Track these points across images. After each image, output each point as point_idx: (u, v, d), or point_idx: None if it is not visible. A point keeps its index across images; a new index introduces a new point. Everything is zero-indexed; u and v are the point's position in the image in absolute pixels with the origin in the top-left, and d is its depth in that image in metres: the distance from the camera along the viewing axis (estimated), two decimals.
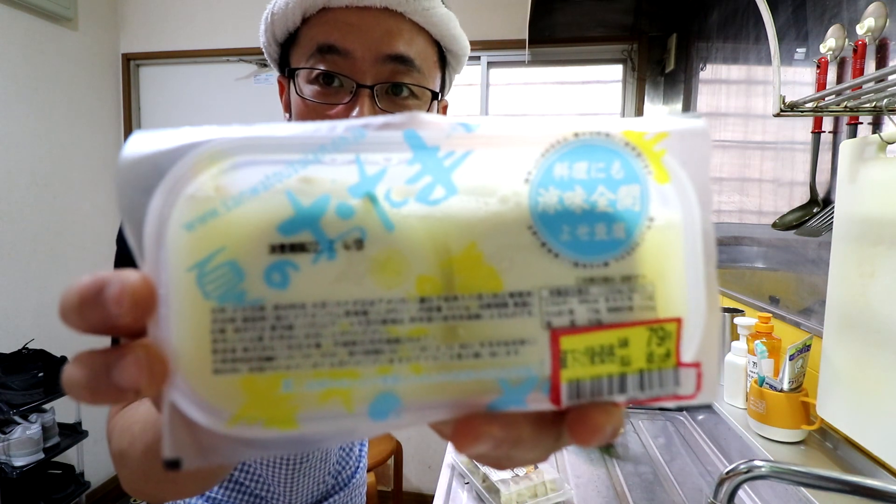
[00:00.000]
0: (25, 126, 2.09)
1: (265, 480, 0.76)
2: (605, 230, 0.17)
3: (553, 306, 0.17)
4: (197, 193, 0.16)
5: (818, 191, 0.95)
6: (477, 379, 0.17)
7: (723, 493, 0.56)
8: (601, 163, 0.17)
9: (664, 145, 0.18)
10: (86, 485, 2.03)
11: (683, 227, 0.18)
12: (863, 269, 0.75)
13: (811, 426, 0.89)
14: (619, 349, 0.17)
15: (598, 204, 0.17)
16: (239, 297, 0.16)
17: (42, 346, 1.98)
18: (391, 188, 0.17)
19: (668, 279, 0.18)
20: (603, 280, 0.17)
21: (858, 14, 0.85)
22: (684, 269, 0.18)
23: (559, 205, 0.17)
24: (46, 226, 2.19)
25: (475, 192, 0.17)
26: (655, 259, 0.17)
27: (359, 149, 0.17)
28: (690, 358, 0.18)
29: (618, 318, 0.17)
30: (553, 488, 0.88)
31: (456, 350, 0.17)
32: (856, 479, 0.52)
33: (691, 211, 0.18)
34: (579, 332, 0.17)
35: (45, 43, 2.15)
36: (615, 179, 0.17)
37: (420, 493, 2.41)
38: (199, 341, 0.16)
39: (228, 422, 0.16)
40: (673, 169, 0.18)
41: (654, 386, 0.18)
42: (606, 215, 0.17)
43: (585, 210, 0.17)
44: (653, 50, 2.13)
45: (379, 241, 0.16)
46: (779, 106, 0.77)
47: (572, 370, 0.17)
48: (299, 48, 0.52)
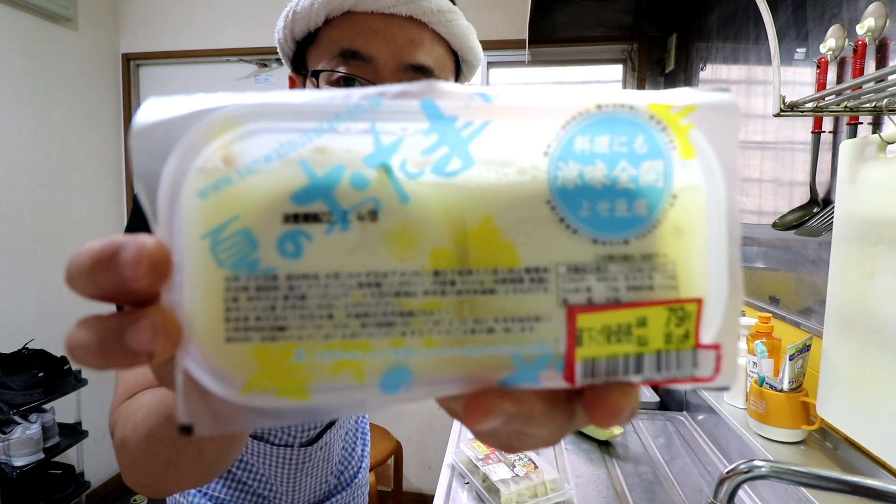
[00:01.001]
0: (25, 126, 2.09)
1: (268, 479, 0.76)
2: (626, 207, 0.17)
3: (570, 283, 0.17)
4: (209, 160, 0.16)
5: (818, 191, 0.95)
6: (490, 354, 0.17)
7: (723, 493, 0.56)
8: (624, 136, 0.17)
9: (691, 119, 0.17)
10: (86, 485, 2.03)
11: (707, 206, 0.17)
12: (863, 269, 0.75)
13: (811, 426, 0.89)
14: (637, 329, 0.17)
15: (620, 179, 0.17)
16: (252, 265, 0.16)
17: (42, 346, 1.98)
18: (406, 159, 0.16)
19: (690, 259, 0.17)
20: (623, 258, 0.17)
21: (858, 14, 0.85)
22: (707, 249, 0.17)
23: (579, 179, 0.16)
24: (46, 226, 2.19)
25: (493, 165, 0.16)
26: (677, 238, 0.17)
27: (374, 118, 0.16)
28: (710, 340, 0.17)
29: (637, 296, 0.17)
30: (553, 488, 0.88)
31: (469, 325, 0.16)
32: (856, 479, 0.52)
33: (716, 189, 0.17)
34: (596, 310, 0.17)
35: (45, 43, 2.15)
36: (638, 154, 0.17)
37: (420, 493, 2.41)
38: (211, 309, 0.16)
39: (240, 390, 0.16)
40: (699, 144, 0.17)
41: (672, 367, 0.17)
42: (628, 191, 0.17)
43: (606, 185, 0.17)
44: (653, 50, 2.13)
45: (393, 212, 0.16)
46: (779, 106, 0.77)
47: (588, 348, 0.17)
48: (319, 49, 0.52)
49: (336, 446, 0.81)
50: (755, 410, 0.93)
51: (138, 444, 0.40)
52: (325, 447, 0.77)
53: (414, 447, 2.35)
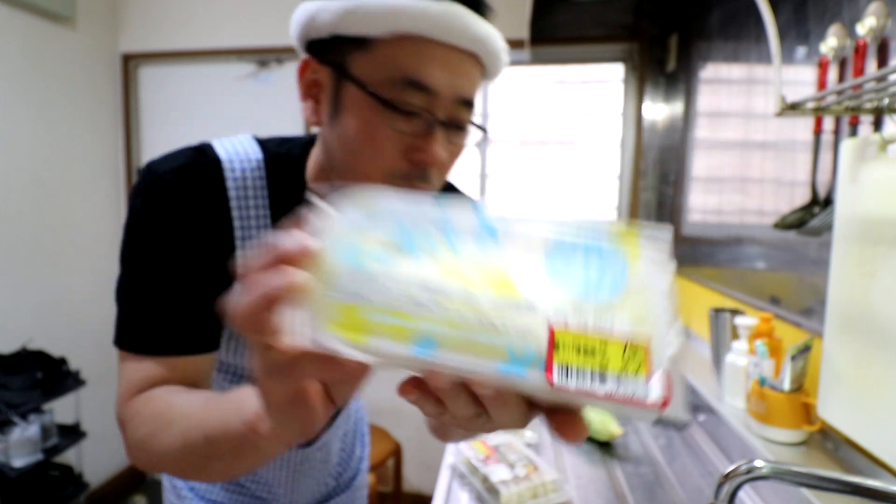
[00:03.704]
0: (25, 126, 2.09)
1: (266, 482, 0.76)
2: (601, 282, 0.26)
3: (553, 314, 0.25)
4: (355, 224, 0.27)
5: (819, 191, 0.95)
6: (491, 343, 0.24)
7: (723, 493, 0.56)
8: (594, 256, 0.27)
9: (639, 238, 0.27)
10: (85, 486, 2.03)
11: (652, 291, 0.26)
12: (864, 269, 0.75)
13: (812, 427, 0.89)
14: (600, 351, 0.24)
15: (592, 270, 0.26)
16: (359, 264, 0.25)
17: (41, 346, 1.98)
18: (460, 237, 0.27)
19: (644, 316, 0.25)
20: (593, 306, 0.25)
21: (859, 13, 0.84)
22: (655, 311, 0.25)
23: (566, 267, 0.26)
24: (46, 226, 2.19)
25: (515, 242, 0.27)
26: (634, 303, 0.25)
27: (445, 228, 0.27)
28: (658, 375, 0.23)
29: (600, 332, 0.24)
30: (553, 489, 0.88)
31: (481, 319, 0.24)
32: (856, 479, 0.52)
33: (656, 274, 0.26)
34: (570, 331, 0.24)
35: (44, 43, 2.15)
36: (604, 251, 0.27)
37: (420, 493, 2.41)
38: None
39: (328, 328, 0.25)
40: (644, 254, 0.27)
41: (629, 389, 0.23)
42: (600, 279, 0.26)
43: (584, 273, 0.26)
44: (653, 49, 2.13)
45: (439, 262, 0.26)
46: (779, 106, 0.77)
47: (563, 355, 0.24)
48: (374, 62, 0.49)
49: (334, 447, 0.81)
50: (756, 411, 0.93)
51: (170, 449, 0.46)
52: (323, 448, 0.76)
53: (414, 447, 2.35)
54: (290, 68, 2.41)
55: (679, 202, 1.86)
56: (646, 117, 2.17)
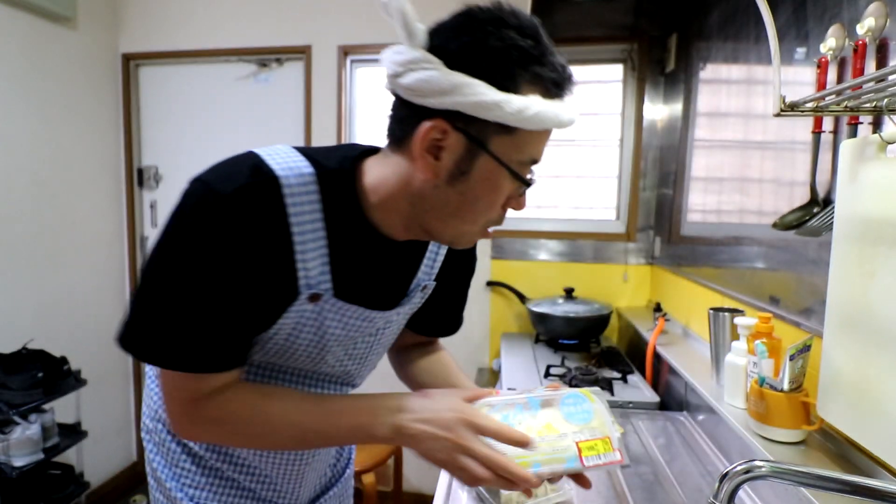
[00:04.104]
0: (25, 126, 2.09)
1: (272, 481, 0.79)
2: (583, 414, 0.64)
3: (572, 436, 0.61)
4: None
5: (818, 191, 0.95)
6: (559, 457, 0.59)
7: (723, 493, 0.56)
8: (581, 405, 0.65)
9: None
10: (85, 485, 2.03)
11: (602, 411, 0.64)
12: (863, 269, 0.75)
13: (811, 426, 0.89)
14: (594, 446, 0.61)
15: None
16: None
17: (42, 346, 1.98)
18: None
19: (604, 427, 0.62)
20: (585, 427, 0.62)
21: (859, 14, 0.85)
22: (606, 421, 0.63)
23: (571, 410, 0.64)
24: (46, 226, 2.19)
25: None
26: (599, 419, 0.63)
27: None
28: (616, 448, 0.61)
29: (592, 437, 0.61)
30: (553, 488, 0.88)
31: (553, 447, 0.60)
32: (856, 479, 0.52)
33: (602, 406, 0.65)
34: (582, 442, 0.61)
35: (44, 43, 2.15)
36: (581, 398, 0.65)
37: (420, 493, 2.41)
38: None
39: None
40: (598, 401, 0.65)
41: (609, 457, 0.61)
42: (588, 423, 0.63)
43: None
44: (653, 50, 2.13)
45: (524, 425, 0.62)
46: (779, 106, 0.77)
47: (583, 453, 0.60)
48: (514, 145, 0.57)
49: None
50: (755, 410, 0.93)
51: (277, 441, 0.66)
52: None
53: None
54: (289, 68, 2.41)
55: (679, 202, 1.86)
56: (645, 117, 2.18)
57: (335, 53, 2.32)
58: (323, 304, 0.63)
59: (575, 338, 1.94)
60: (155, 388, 0.81)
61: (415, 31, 0.55)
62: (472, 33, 0.55)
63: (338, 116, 2.35)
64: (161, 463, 0.78)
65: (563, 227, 2.29)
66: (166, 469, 0.78)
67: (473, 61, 0.54)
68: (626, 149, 2.23)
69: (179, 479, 0.77)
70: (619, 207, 2.27)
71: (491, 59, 0.54)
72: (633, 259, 2.23)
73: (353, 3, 2.30)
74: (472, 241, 0.67)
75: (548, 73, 0.56)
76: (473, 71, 0.54)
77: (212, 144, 2.50)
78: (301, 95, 2.40)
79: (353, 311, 0.66)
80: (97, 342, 2.43)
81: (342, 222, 0.62)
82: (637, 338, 1.84)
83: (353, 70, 2.40)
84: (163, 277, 0.56)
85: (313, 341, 0.66)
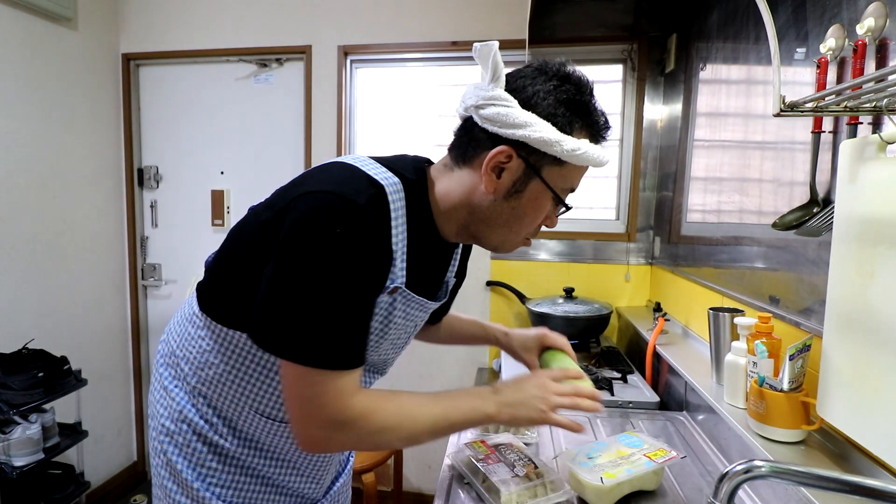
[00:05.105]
0: (25, 126, 2.09)
1: (304, 470, 0.86)
2: (634, 443, 0.99)
3: (641, 451, 0.95)
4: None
5: (818, 191, 0.95)
6: (638, 463, 0.91)
7: (722, 492, 0.56)
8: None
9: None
10: (86, 485, 2.04)
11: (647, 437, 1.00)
12: (863, 269, 0.75)
13: (811, 426, 0.89)
14: (659, 452, 0.94)
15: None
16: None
17: (42, 346, 1.98)
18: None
19: (655, 443, 0.97)
20: (647, 446, 0.97)
21: (858, 14, 0.85)
22: (656, 441, 0.98)
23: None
24: (46, 226, 2.19)
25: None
26: (649, 445, 0.97)
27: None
28: (670, 451, 0.94)
29: (653, 450, 0.95)
30: (553, 489, 0.88)
31: (630, 459, 0.93)
32: (856, 479, 0.52)
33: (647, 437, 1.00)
34: (650, 453, 0.93)
35: (45, 43, 2.15)
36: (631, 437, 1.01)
37: (420, 493, 2.41)
38: None
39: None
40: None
41: (668, 455, 0.93)
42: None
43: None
44: (653, 50, 2.13)
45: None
46: (779, 106, 0.77)
47: (652, 456, 0.93)
48: (562, 175, 0.72)
49: None
50: (755, 410, 0.93)
51: (414, 433, 0.71)
52: None
53: (414, 447, 2.35)
54: (289, 69, 2.41)
55: (679, 202, 1.86)
56: (645, 117, 2.18)
57: (335, 53, 2.32)
58: (397, 295, 0.73)
59: (575, 338, 1.94)
60: (176, 391, 0.81)
61: (500, 76, 0.68)
62: (543, 84, 0.69)
63: (338, 117, 2.35)
64: (185, 464, 0.79)
65: (563, 226, 2.28)
66: (191, 470, 0.79)
67: (543, 106, 0.68)
68: (626, 149, 2.23)
69: (206, 479, 0.79)
70: (619, 207, 2.27)
71: (556, 107, 0.68)
72: (632, 259, 2.23)
73: (353, 3, 2.30)
74: (512, 248, 0.80)
75: (596, 123, 0.72)
76: (541, 113, 0.68)
77: (212, 144, 2.50)
78: (301, 96, 2.40)
79: (417, 302, 0.77)
80: (97, 342, 2.43)
81: (418, 225, 0.74)
82: (637, 338, 1.84)
83: (353, 70, 2.40)
84: (311, 280, 0.63)
85: (377, 329, 0.76)
